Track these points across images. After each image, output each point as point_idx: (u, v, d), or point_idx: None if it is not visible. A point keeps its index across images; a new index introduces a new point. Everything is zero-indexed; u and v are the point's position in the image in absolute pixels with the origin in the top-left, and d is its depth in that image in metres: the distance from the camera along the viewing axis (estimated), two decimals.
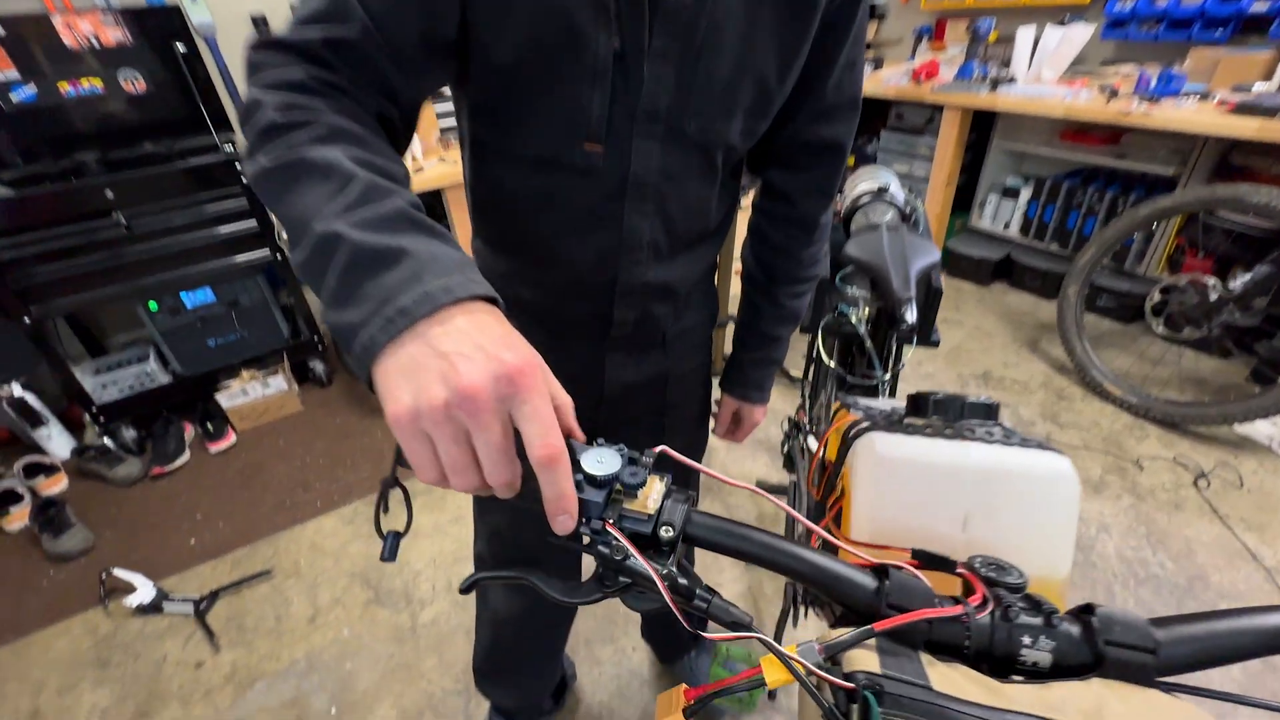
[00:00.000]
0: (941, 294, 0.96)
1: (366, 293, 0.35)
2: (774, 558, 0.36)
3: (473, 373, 0.32)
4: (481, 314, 0.35)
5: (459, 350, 0.32)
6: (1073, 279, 2.31)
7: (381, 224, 0.37)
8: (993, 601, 0.35)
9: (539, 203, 0.66)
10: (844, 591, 0.35)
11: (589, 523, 0.35)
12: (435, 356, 0.32)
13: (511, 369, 0.32)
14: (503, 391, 0.32)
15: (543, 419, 0.33)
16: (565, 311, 0.77)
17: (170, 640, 1.56)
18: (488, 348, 0.33)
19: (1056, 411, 2.22)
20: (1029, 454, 0.43)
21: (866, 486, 0.45)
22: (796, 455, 1.56)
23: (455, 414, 0.32)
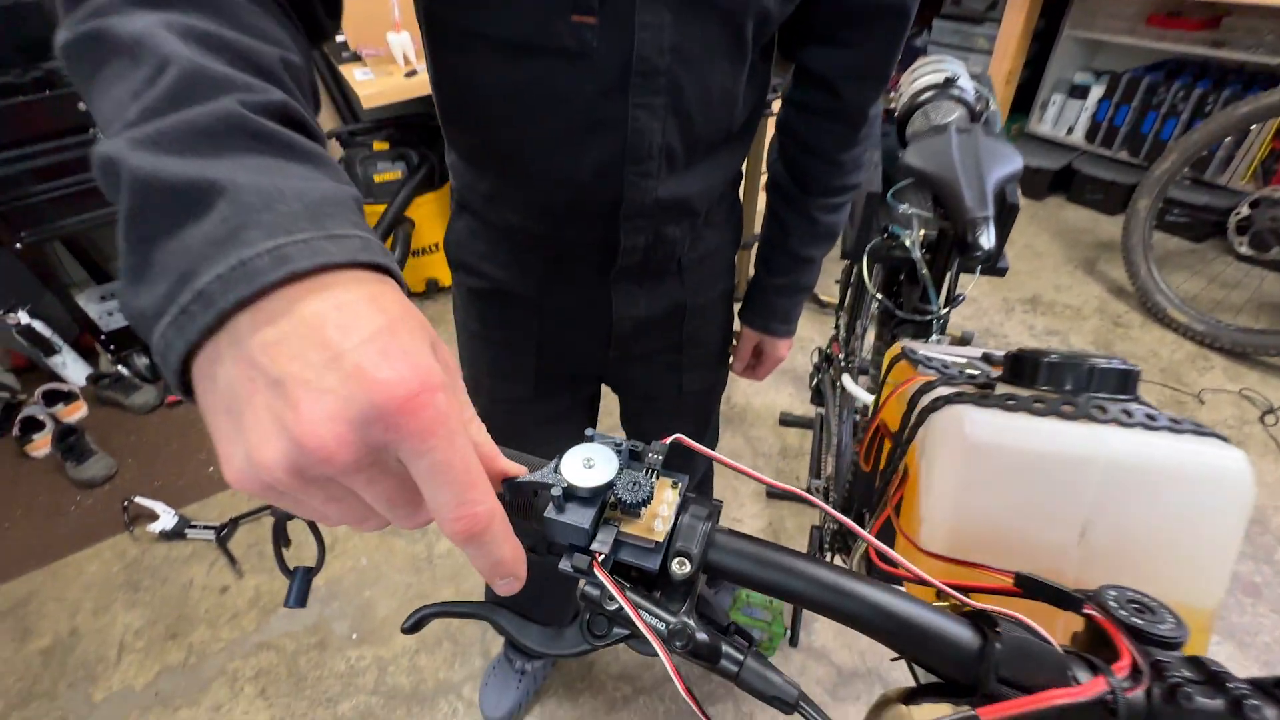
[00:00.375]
0: (1018, 210, 0.80)
1: (159, 261, 0.21)
2: (832, 600, 0.25)
3: (322, 415, 0.19)
4: (347, 290, 0.21)
5: (302, 374, 0.20)
6: (1145, 191, 2.06)
7: (190, 140, 0.22)
8: (1147, 670, 0.25)
9: (518, 102, 0.52)
10: (932, 650, 0.25)
11: (570, 557, 0.25)
12: (262, 385, 0.20)
13: (387, 400, 0.19)
14: (376, 439, 0.20)
15: (451, 476, 0.21)
16: (561, 238, 0.64)
17: (195, 565, 1.59)
18: (347, 361, 0.20)
19: (1111, 340, 2.05)
20: (1184, 443, 0.32)
21: (949, 480, 0.34)
22: (826, 389, 1.45)
23: (312, 476, 0.20)
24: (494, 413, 0.86)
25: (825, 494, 1.24)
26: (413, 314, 0.23)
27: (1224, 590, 0.32)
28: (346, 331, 0.20)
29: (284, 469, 0.20)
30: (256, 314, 0.20)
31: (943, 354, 0.48)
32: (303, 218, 0.22)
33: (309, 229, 0.22)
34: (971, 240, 0.65)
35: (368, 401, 0.19)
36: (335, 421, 0.19)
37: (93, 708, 1.32)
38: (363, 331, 0.20)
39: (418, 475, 0.21)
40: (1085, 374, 0.34)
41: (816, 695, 1.27)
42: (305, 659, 1.37)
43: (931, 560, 0.35)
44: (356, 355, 0.20)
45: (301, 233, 0.21)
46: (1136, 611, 0.27)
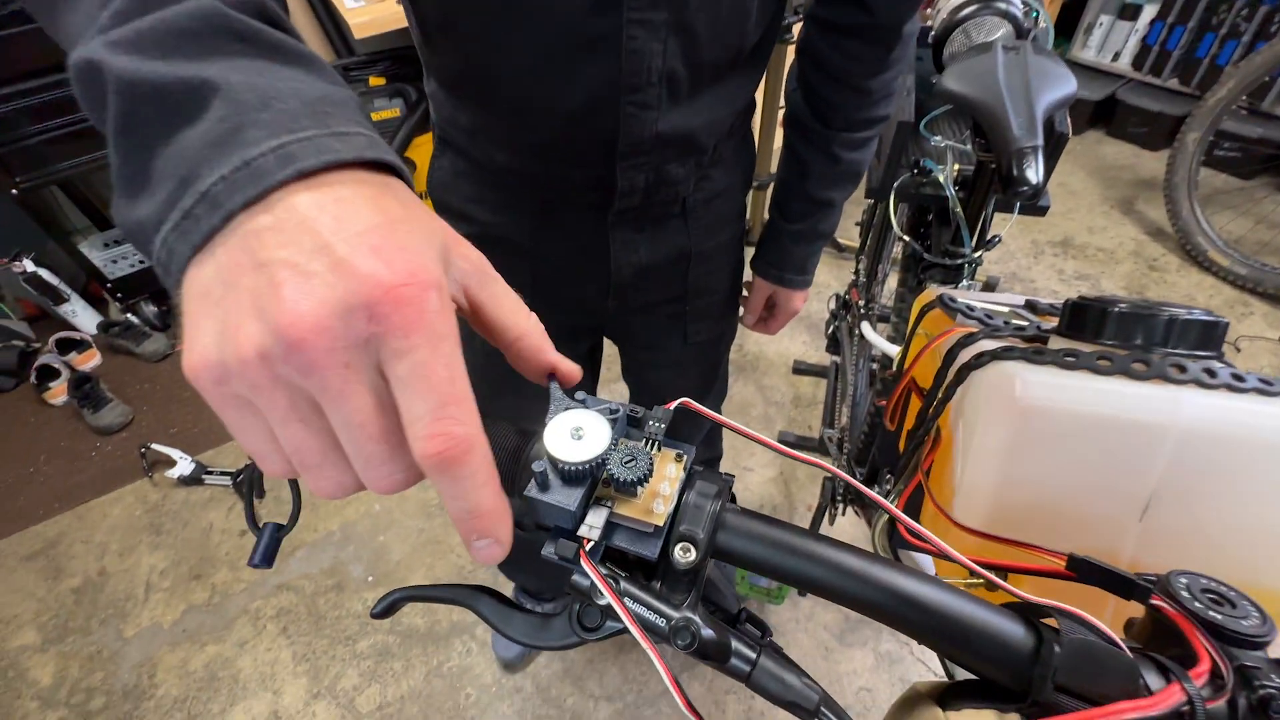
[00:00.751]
0: (1067, 140, 0.72)
1: (156, 167, 0.20)
2: (860, 591, 0.22)
3: (303, 297, 0.18)
4: (348, 187, 0.20)
5: (290, 258, 0.18)
6: (1196, 122, 1.90)
7: (173, 41, 0.21)
8: (1231, 677, 0.21)
9: (497, 16, 0.45)
10: (977, 650, 0.21)
11: (556, 541, 0.21)
12: (252, 269, 0.19)
13: (374, 287, 0.18)
14: (358, 331, 0.18)
15: (431, 379, 0.19)
16: (552, 179, 0.58)
17: (214, 510, 1.62)
18: (340, 249, 0.18)
19: (1145, 285, 1.95)
20: (1276, 408, 0.27)
21: (992, 447, 0.30)
22: (843, 338, 1.39)
23: (281, 371, 0.18)
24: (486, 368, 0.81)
25: (840, 444, 1.21)
26: (417, 215, 0.21)
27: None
28: (341, 223, 0.19)
29: (254, 352, 0.18)
30: (257, 211, 0.19)
31: (984, 302, 0.43)
32: (304, 115, 0.20)
33: (312, 126, 0.20)
34: (1018, 174, 0.58)
35: (350, 288, 0.18)
36: (316, 304, 0.18)
37: (125, 642, 1.38)
38: (358, 225, 0.19)
39: (396, 381, 0.19)
40: (1162, 326, 0.29)
41: (823, 641, 1.28)
42: (324, 600, 1.41)
43: (965, 536, 0.31)
44: (347, 246, 0.18)
45: (304, 130, 0.20)
46: (1213, 603, 0.24)
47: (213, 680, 1.30)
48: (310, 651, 1.32)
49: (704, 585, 0.22)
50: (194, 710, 1.26)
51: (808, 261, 0.81)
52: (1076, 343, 0.31)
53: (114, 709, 1.27)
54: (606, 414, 0.23)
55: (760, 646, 0.22)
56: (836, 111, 0.66)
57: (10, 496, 1.69)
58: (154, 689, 1.30)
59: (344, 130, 0.21)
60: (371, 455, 0.20)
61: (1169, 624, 0.24)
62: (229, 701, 1.26)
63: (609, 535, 0.22)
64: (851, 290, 1.33)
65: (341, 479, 0.21)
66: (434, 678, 1.27)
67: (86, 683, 1.32)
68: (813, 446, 1.61)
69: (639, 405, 0.24)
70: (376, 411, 0.19)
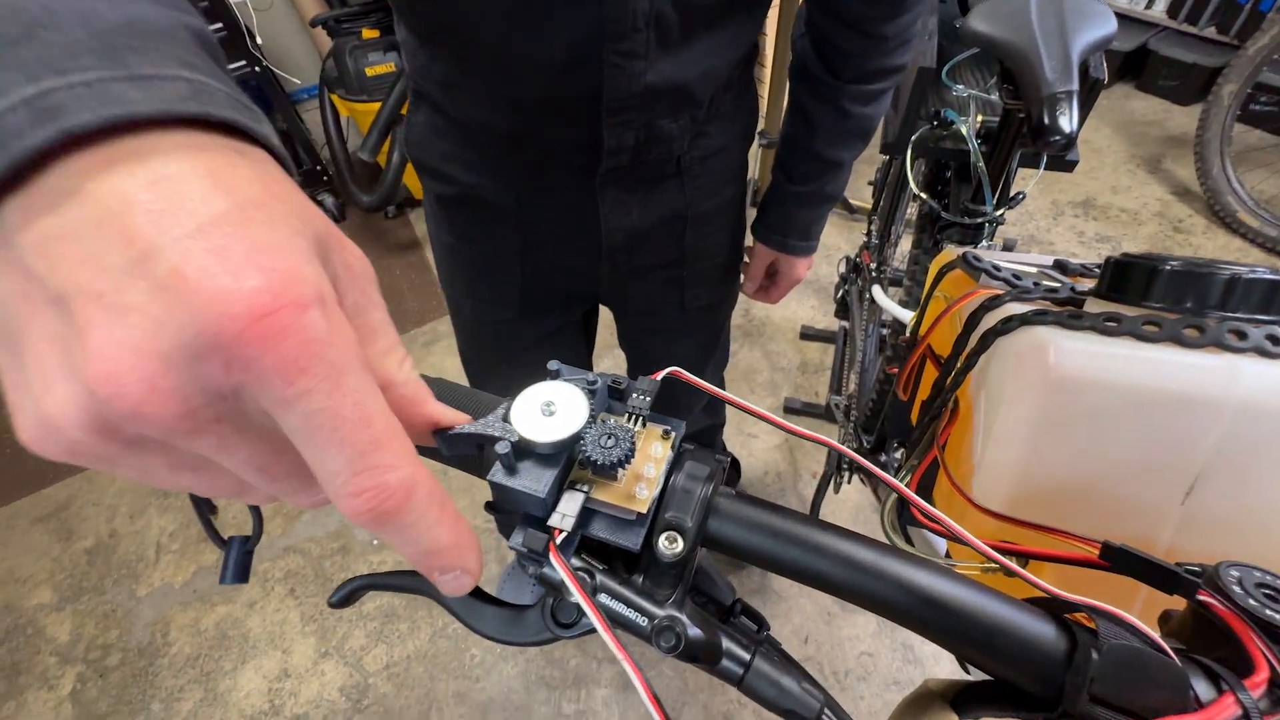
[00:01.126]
0: (1102, 87, 0.67)
1: None
2: (869, 586, 0.19)
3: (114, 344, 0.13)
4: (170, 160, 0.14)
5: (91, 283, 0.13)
6: (1233, 74, 1.80)
7: None
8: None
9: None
10: (1002, 655, 0.19)
11: (525, 531, 0.19)
12: (41, 303, 0.13)
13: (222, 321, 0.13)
14: (214, 383, 0.13)
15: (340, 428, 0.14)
16: (535, 137, 0.54)
17: None
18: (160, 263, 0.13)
19: (1169, 247, 1.88)
20: None
21: (1020, 421, 0.27)
22: (853, 302, 1.35)
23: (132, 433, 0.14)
24: (479, 337, 0.78)
25: (847, 412, 1.18)
26: (280, 194, 0.15)
27: None
28: (162, 220, 0.13)
29: (81, 426, 0.13)
30: (29, 198, 0.13)
31: (1010, 262, 0.39)
32: (86, 50, 0.14)
33: (96, 65, 0.14)
34: (1049, 122, 0.53)
35: (191, 324, 0.13)
36: (140, 356, 0.13)
37: (138, 601, 1.40)
38: (190, 220, 0.13)
39: (292, 433, 0.14)
40: (1220, 287, 0.25)
41: (824, 605, 1.29)
42: (330, 562, 1.42)
43: (984, 518, 0.29)
44: (175, 254, 0.13)
45: (83, 71, 0.13)
46: (1269, 599, 0.21)
47: (224, 639, 1.32)
48: (318, 612, 1.34)
49: (694, 574, 0.20)
50: (207, 667, 1.29)
51: (812, 226, 0.76)
52: (1118, 306, 0.28)
53: (130, 665, 1.30)
54: (584, 386, 0.20)
55: (755, 645, 0.20)
56: (847, 61, 0.60)
57: (19, 459, 1.70)
58: (167, 647, 1.32)
59: (151, 72, 0.14)
60: (288, 489, 0.16)
61: (1218, 622, 0.21)
62: (240, 660, 1.29)
63: (585, 524, 0.19)
64: (862, 253, 1.28)
65: (272, 496, 0.17)
66: (439, 639, 1.29)
67: (102, 640, 1.35)
68: (819, 413, 1.59)
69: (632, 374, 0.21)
70: (273, 456, 0.15)
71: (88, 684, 1.28)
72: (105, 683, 1.28)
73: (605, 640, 0.17)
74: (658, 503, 0.20)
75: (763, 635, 0.21)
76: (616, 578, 0.19)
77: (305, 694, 1.23)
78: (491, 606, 0.22)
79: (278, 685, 1.25)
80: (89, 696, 1.26)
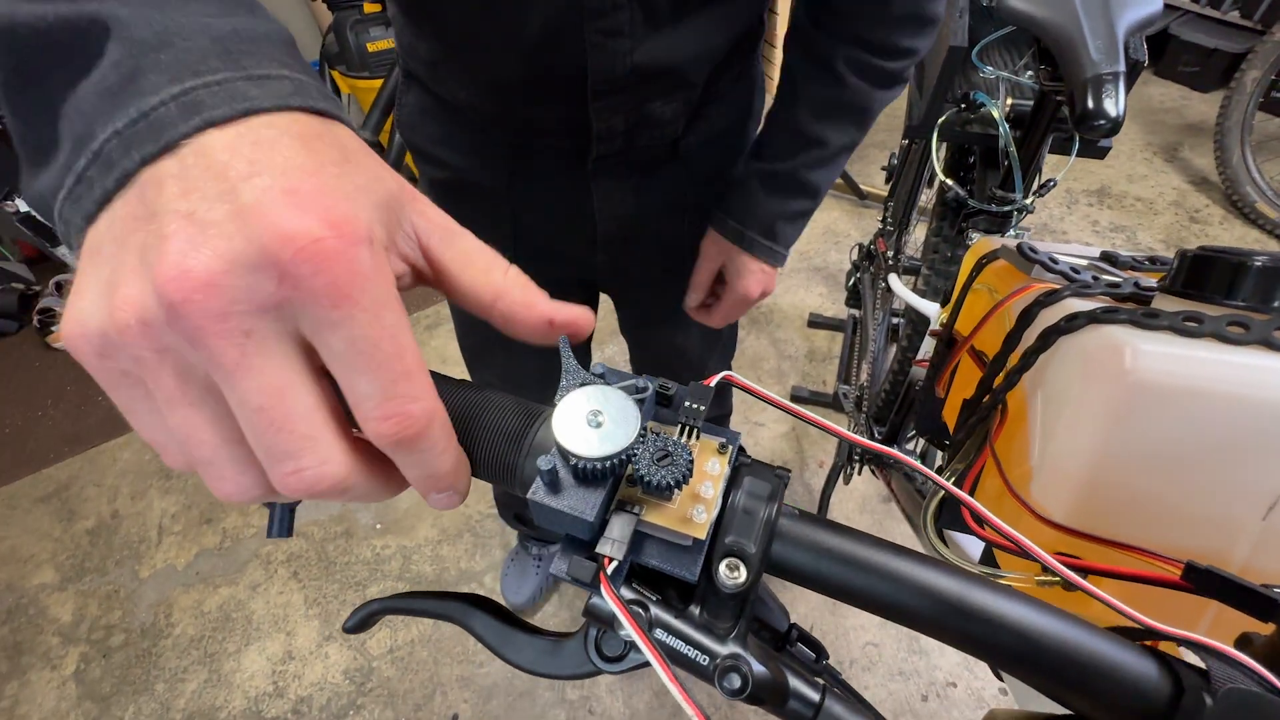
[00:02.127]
0: (1143, 67, 0.64)
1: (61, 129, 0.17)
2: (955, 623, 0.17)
3: (191, 249, 0.14)
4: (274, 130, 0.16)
5: (186, 207, 0.15)
6: (1258, 60, 1.75)
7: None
8: None
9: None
10: (1100, 697, 0.17)
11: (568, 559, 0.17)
12: (145, 221, 0.15)
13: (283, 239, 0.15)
14: (263, 293, 0.15)
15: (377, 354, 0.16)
16: (520, 120, 0.51)
17: None
18: (246, 194, 0.15)
19: (1185, 238, 1.85)
20: None
21: (1090, 427, 0.25)
22: (865, 291, 1.33)
23: (168, 340, 0.15)
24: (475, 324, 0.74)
25: (857, 402, 1.16)
26: (360, 160, 0.17)
27: None
28: (255, 166, 0.15)
29: (134, 316, 0.15)
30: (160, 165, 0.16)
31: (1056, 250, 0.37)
32: (212, 55, 0.17)
33: (223, 68, 0.17)
34: (1094, 105, 0.50)
35: (255, 239, 0.15)
36: (207, 257, 0.14)
37: (140, 583, 1.40)
38: (276, 167, 0.15)
39: (331, 356, 0.16)
40: None
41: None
42: (333, 546, 1.42)
43: (1046, 530, 0.27)
44: (256, 190, 0.15)
45: (213, 73, 0.16)
46: None
47: (227, 621, 1.32)
48: (321, 595, 1.34)
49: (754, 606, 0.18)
50: (210, 649, 1.28)
51: (779, 224, 0.59)
52: (1196, 304, 0.26)
53: (133, 646, 1.30)
54: (632, 393, 0.18)
55: (820, 678, 0.18)
56: (844, 21, 0.51)
57: (20, 440, 1.69)
58: (171, 628, 1.32)
59: (262, 73, 0.17)
60: (279, 448, 0.16)
61: None
62: (244, 641, 1.29)
63: (636, 550, 0.17)
64: (877, 240, 1.25)
65: (239, 478, 0.17)
66: (444, 623, 1.28)
67: (105, 620, 1.35)
68: (827, 402, 1.57)
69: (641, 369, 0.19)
70: (284, 390, 0.16)
71: (91, 664, 1.28)
72: (109, 663, 1.28)
73: (666, 684, 0.15)
74: (716, 526, 0.18)
75: (823, 665, 0.19)
76: (672, 610, 0.17)
77: (309, 676, 1.23)
78: (527, 635, 0.20)
79: (281, 668, 1.24)
80: (92, 676, 1.26)
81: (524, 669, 0.20)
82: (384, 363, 0.16)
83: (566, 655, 0.19)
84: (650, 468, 0.16)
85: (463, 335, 0.78)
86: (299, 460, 0.16)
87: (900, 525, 1.34)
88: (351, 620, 0.22)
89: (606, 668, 0.18)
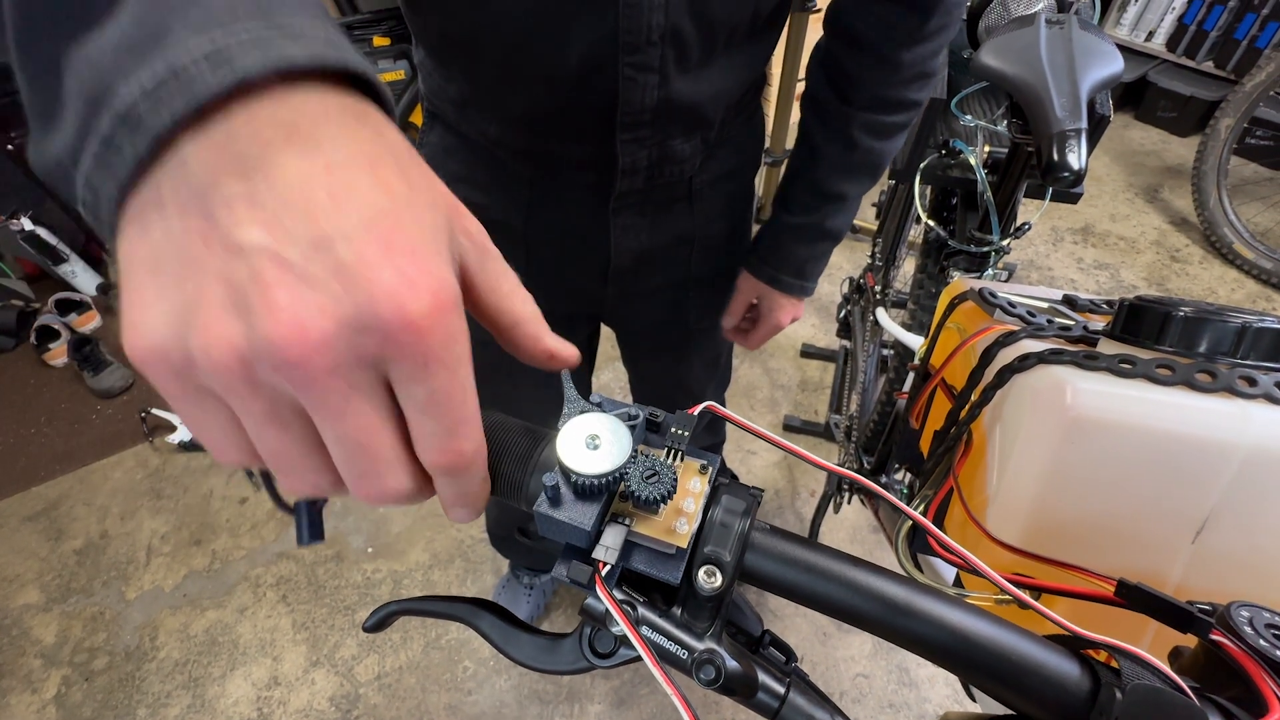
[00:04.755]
0: (1108, 124, 0.69)
1: (66, 87, 0.16)
2: (903, 625, 0.20)
3: (304, 308, 0.15)
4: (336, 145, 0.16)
5: (277, 249, 0.15)
6: (1230, 108, 1.84)
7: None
8: None
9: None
10: (1029, 693, 0.19)
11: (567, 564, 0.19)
12: (220, 249, 0.15)
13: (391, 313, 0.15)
14: (366, 351, 0.16)
15: (448, 405, 0.17)
16: (548, 154, 0.55)
17: (214, 477, 1.62)
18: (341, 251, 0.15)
19: (1166, 276, 1.91)
20: None
21: (1037, 458, 0.28)
22: (855, 322, 1.37)
23: (265, 378, 0.16)
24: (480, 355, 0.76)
25: (847, 432, 1.19)
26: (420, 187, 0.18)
27: None
28: (340, 208, 0.15)
29: (232, 355, 0.15)
30: (213, 150, 0.15)
31: (1021, 296, 0.40)
32: (241, 7, 0.16)
33: (252, 19, 0.16)
34: (1059, 159, 0.54)
35: (366, 305, 0.15)
36: (320, 320, 0.15)
37: (127, 604, 1.39)
38: (361, 212, 0.16)
39: (410, 401, 0.18)
40: (1231, 334, 0.26)
41: (820, 625, 1.28)
42: (323, 569, 1.41)
43: (998, 550, 0.29)
44: (353, 245, 0.15)
45: (245, 28, 0.16)
46: (1279, 639, 0.21)
47: (213, 645, 1.31)
48: (309, 620, 1.33)
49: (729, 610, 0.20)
50: (195, 673, 1.27)
51: (808, 265, 0.70)
52: (1131, 348, 0.29)
53: (116, 669, 1.28)
54: (625, 419, 0.21)
55: (787, 676, 0.21)
56: (858, 87, 0.59)
57: (11, 457, 1.69)
58: (155, 651, 1.31)
59: (295, 27, 0.16)
60: (365, 471, 0.18)
61: (1230, 662, 0.22)
62: (229, 666, 1.27)
63: (626, 557, 0.19)
64: (866, 274, 1.29)
65: (319, 481, 0.19)
66: (432, 650, 1.28)
67: (89, 643, 1.33)
68: (818, 432, 1.59)
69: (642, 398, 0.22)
70: (377, 430, 0.17)
71: (73, 687, 1.26)
72: (91, 686, 1.26)
73: (652, 672, 0.17)
74: (697, 537, 0.20)
75: (792, 666, 0.21)
76: (656, 610, 0.19)
77: (295, 703, 1.21)
78: (526, 633, 0.22)
79: (267, 693, 1.23)
80: (73, 700, 1.24)
81: (525, 665, 0.22)
82: (452, 411, 0.18)
83: (563, 652, 0.21)
84: (640, 484, 0.19)
85: None
86: (382, 481, 0.18)
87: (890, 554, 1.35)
88: (371, 620, 0.24)
89: (599, 663, 0.20)
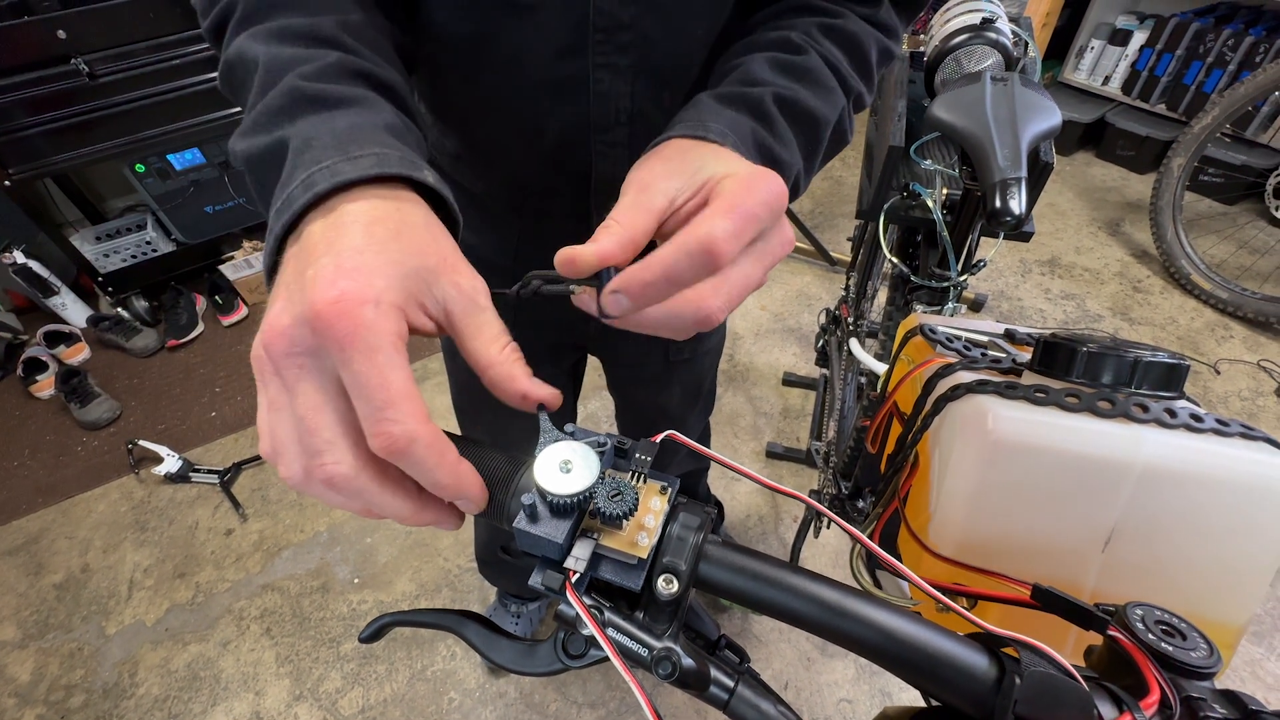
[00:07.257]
0: (1051, 170, 0.75)
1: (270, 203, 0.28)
2: (834, 623, 0.23)
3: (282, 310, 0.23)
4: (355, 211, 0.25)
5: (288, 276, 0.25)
6: (1182, 148, 1.94)
7: (270, 117, 0.29)
8: (1179, 707, 0.22)
9: (468, 57, 0.46)
10: (944, 681, 0.22)
11: (543, 572, 0.22)
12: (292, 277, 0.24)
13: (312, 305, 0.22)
14: (306, 340, 0.23)
15: (367, 386, 0.22)
16: (532, 210, 0.60)
17: (200, 508, 1.61)
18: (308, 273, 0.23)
19: (1129, 305, 1.99)
20: (1230, 448, 0.28)
21: (965, 477, 0.31)
22: (832, 353, 1.41)
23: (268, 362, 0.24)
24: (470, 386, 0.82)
25: (826, 458, 1.22)
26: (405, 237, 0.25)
27: (1259, 605, 0.29)
28: (328, 246, 0.24)
29: (261, 344, 0.24)
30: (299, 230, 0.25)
31: (964, 331, 0.44)
32: (331, 148, 0.26)
33: (332, 156, 0.26)
34: (1000, 205, 0.60)
35: (303, 305, 0.22)
36: (284, 316, 0.23)
37: (106, 640, 1.37)
38: (334, 249, 0.23)
39: (347, 386, 0.22)
40: (1127, 367, 0.30)
41: (804, 651, 1.30)
42: (308, 601, 1.40)
43: (938, 563, 0.32)
44: (315, 269, 0.23)
45: (326, 160, 0.26)
46: (1165, 634, 0.25)
47: (194, 680, 1.29)
48: (294, 653, 1.32)
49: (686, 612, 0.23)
50: (174, 710, 1.25)
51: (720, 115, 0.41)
52: (1048, 379, 0.33)
53: (93, 707, 1.26)
54: (594, 446, 0.24)
55: (739, 674, 0.24)
56: None
57: None
58: (134, 688, 1.29)
59: (358, 154, 0.26)
60: (309, 448, 0.23)
61: (1124, 654, 0.25)
62: (210, 702, 1.26)
63: (594, 567, 0.23)
64: (841, 306, 1.35)
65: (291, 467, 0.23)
66: (417, 682, 1.27)
67: (66, 680, 1.31)
68: (800, 458, 1.63)
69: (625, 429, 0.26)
70: (319, 408, 0.23)
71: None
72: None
73: (616, 666, 0.20)
74: (656, 549, 0.23)
75: (744, 666, 0.24)
76: (620, 614, 0.22)
77: None
78: (506, 639, 0.25)
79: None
80: None
81: (506, 668, 0.25)
82: (372, 392, 0.22)
83: (540, 656, 0.24)
84: (606, 503, 0.22)
85: (456, 394, 0.85)
86: (322, 458, 0.23)
87: None
88: (366, 632, 0.27)
89: (571, 664, 0.23)
